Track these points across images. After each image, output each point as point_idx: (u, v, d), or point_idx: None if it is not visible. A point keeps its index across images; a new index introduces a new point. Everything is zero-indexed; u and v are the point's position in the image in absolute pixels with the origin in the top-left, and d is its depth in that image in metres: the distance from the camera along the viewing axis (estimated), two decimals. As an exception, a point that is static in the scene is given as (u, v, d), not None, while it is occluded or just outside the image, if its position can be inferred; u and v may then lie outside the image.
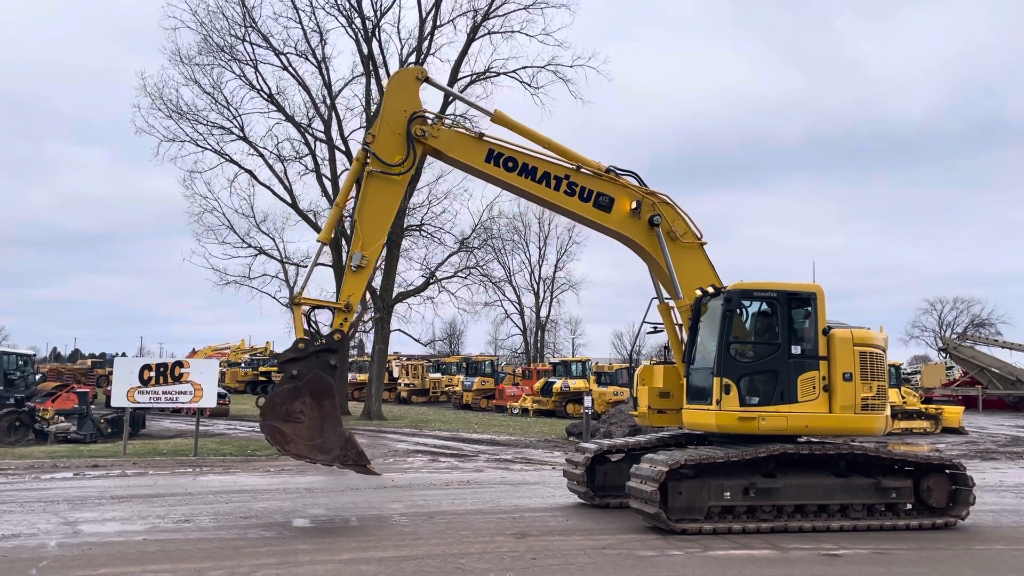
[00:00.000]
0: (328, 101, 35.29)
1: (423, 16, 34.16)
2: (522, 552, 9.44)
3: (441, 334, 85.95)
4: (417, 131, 11.73)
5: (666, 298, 12.80)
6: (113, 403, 20.57)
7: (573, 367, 42.05)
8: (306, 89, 35.14)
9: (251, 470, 17.24)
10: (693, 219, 12.58)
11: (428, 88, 12.35)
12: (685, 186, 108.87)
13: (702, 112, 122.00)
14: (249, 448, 21.05)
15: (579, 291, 71.25)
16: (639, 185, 12.47)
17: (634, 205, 12.32)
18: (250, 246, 36.10)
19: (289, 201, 35.43)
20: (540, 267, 70.36)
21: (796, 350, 11.26)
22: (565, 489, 13.48)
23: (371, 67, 34.58)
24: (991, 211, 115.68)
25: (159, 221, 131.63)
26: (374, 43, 34.37)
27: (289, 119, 35.08)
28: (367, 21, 34.14)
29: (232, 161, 34.91)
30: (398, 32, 49.56)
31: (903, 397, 32.18)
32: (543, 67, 33.99)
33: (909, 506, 11.53)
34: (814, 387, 11.16)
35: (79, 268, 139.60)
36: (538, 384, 41.57)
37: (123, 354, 63.19)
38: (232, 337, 69.44)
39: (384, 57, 34.74)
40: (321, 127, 35.60)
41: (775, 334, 11.40)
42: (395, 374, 53.84)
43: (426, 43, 34.22)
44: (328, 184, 35.20)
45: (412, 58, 33.73)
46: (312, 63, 34.75)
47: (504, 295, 66.47)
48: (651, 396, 12.41)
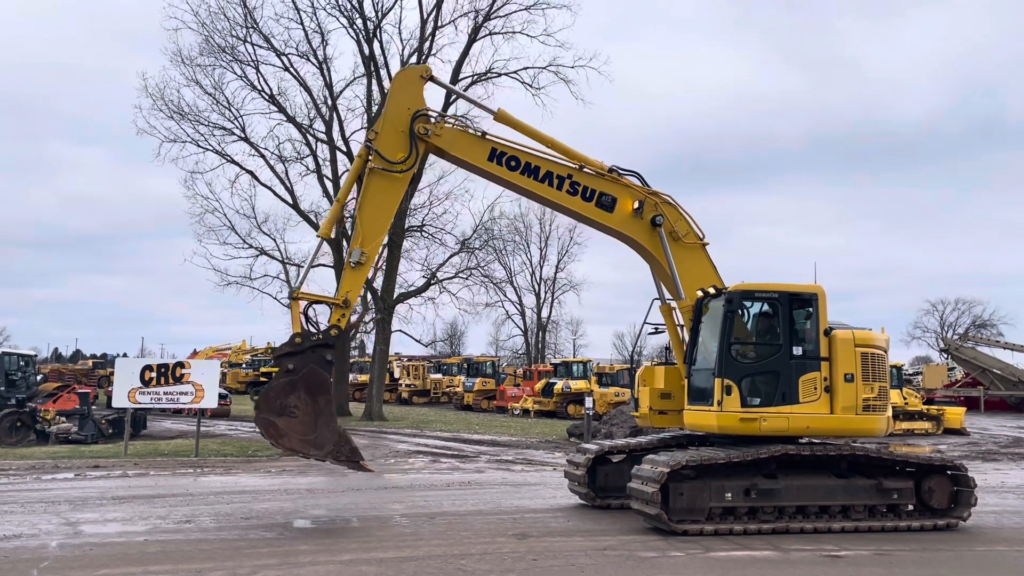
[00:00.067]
0: (329, 102, 35.34)
1: (424, 17, 34.21)
2: (523, 553, 9.44)
3: (442, 335, 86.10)
4: (420, 129, 11.73)
5: (668, 299, 12.79)
6: (114, 404, 20.62)
7: (574, 368, 42.02)
8: (307, 90, 35.22)
9: (252, 471, 17.24)
10: (695, 219, 12.59)
11: (431, 87, 12.34)
12: (686, 186, 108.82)
13: (703, 112, 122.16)
14: (250, 449, 21.06)
15: (580, 292, 71.38)
16: (641, 185, 12.46)
17: (636, 205, 12.30)
18: (251, 247, 36.17)
19: (290, 202, 35.49)
20: (541, 268, 70.50)
21: (797, 351, 11.25)
22: (566, 490, 13.47)
23: (372, 68, 34.60)
24: (992, 211, 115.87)
25: (160, 222, 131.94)
26: (375, 44, 34.46)
27: (290, 120, 35.11)
28: (368, 22, 34.20)
29: (233, 162, 34.97)
30: (399, 33, 49.84)
31: (905, 398, 32.16)
32: (544, 68, 34.07)
33: (910, 507, 11.51)
34: (815, 388, 11.14)
35: (80, 268, 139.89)
36: (539, 385, 41.55)
37: (124, 355, 63.37)
38: (233, 338, 69.37)
39: (385, 58, 34.80)
40: (322, 128, 35.66)
41: (776, 335, 11.38)
42: (396, 375, 53.85)
43: (427, 44, 34.25)
44: (329, 185, 35.22)
45: (413, 59, 33.72)
46: (313, 64, 34.84)
47: (505, 296, 66.57)
48: (652, 397, 12.39)
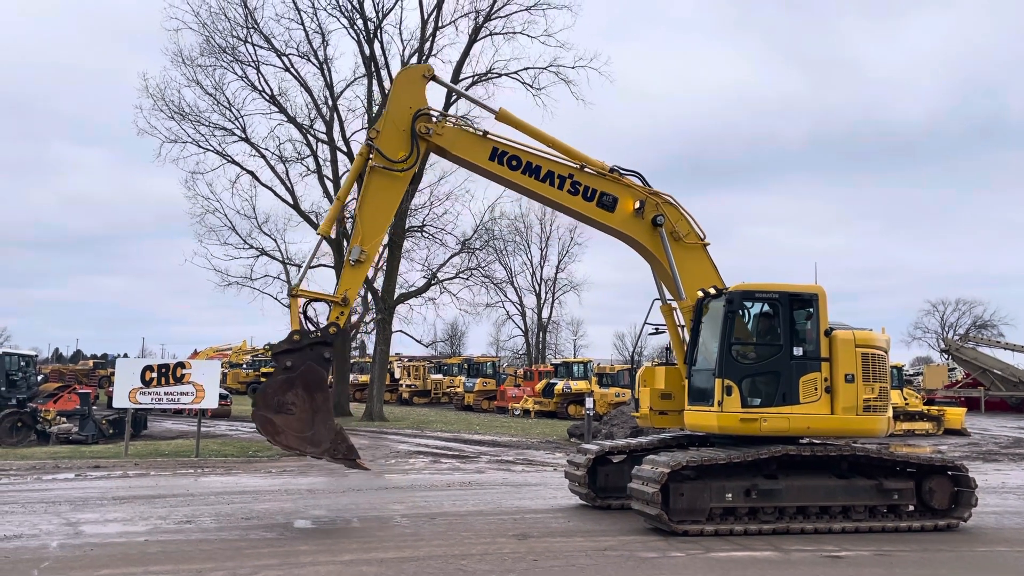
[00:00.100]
0: (330, 102, 35.36)
1: (425, 17, 34.24)
2: (523, 553, 9.44)
3: (443, 335, 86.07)
4: (421, 128, 11.75)
5: (668, 299, 12.79)
6: (115, 404, 20.63)
7: (575, 368, 42.03)
8: (308, 90, 35.25)
9: (253, 471, 17.25)
10: (696, 220, 12.59)
11: (432, 87, 12.34)
12: (687, 187, 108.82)
13: (703, 113, 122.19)
14: (251, 449, 21.07)
15: (580, 292, 71.38)
16: (643, 185, 12.46)
17: (637, 205, 12.30)
18: (252, 247, 36.16)
19: (291, 202, 35.49)
20: (542, 268, 70.52)
21: (798, 351, 11.25)
22: (566, 490, 13.47)
23: (373, 68, 34.63)
24: (993, 212, 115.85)
25: (161, 222, 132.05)
26: (376, 44, 34.51)
27: (291, 120, 35.13)
28: (369, 22, 34.23)
29: (234, 162, 34.99)
30: (400, 33, 49.65)
31: (905, 399, 32.15)
32: (545, 68, 34.11)
33: (911, 508, 11.51)
34: (816, 388, 11.14)
35: (81, 269, 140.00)
36: (539, 385, 41.58)
37: (125, 355, 63.38)
38: (234, 338, 69.44)
39: (386, 58, 34.84)
40: (323, 128, 35.69)
41: (777, 335, 11.38)
42: (397, 375, 53.88)
43: (428, 44, 34.28)
44: (330, 185, 35.23)
45: (414, 59, 33.74)
46: (314, 64, 34.87)
47: (506, 296, 66.60)
48: (653, 397, 12.39)
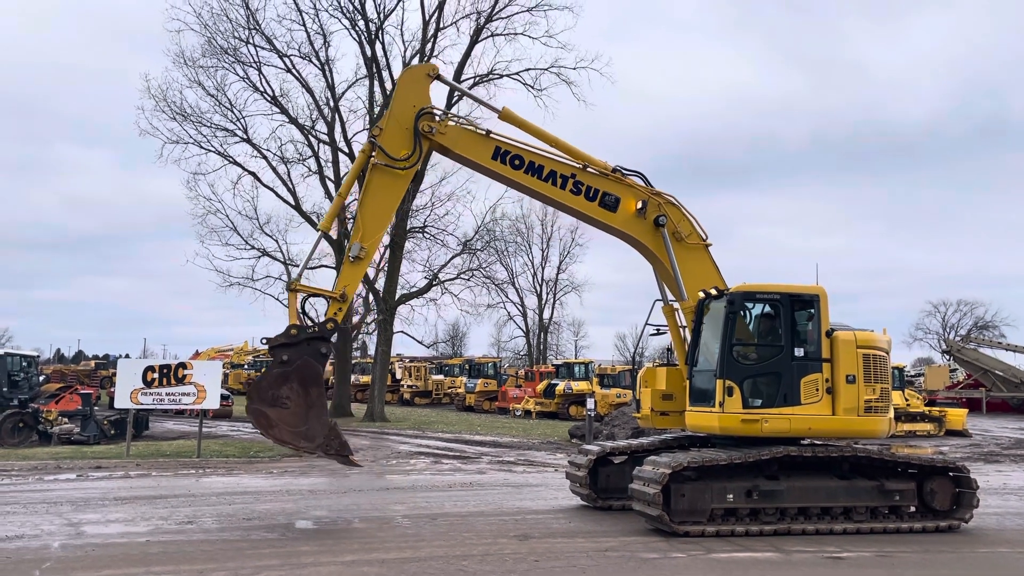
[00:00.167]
0: (331, 103, 35.40)
1: (426, 18, 34.30)
2: (525, 554, 9.44)
3: (444, 336, 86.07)
4: (424, 127, 11.77)
5: (670, 300, 12.79)
6: (116, 404, 20.63)
7: (576, 369, 42.05)
8: (309, 91, 35.28)
9: (254, 472, 17.26)
10: (698, 220, 12.60)
11: (435, 87, 12.36)
12: (688, 187, 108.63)
13: (704, 114, 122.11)
14: (252, 450, 21.08)
15: (582, 293, 71.24)
16: (645, 185, 12.47)
17: (640, 205, 12.31)
18: (253, 248, 36.16)
19: (292, 203, 35.50)
20: (543, 269, 70.47)
21: (799, 352, 11.24)
22: (568, 491, 13.47)
23: (374, 69, 34.66)
24: (994, 213, 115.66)
25: (162, 223, 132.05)
26: (377, 45, 34.54)
27: (292, 121, 35.15)
28: (370, 23, 34.28)
29: (236, 163, 35.02)
30: (401, 34, 49.55)
31: (906, 399, 32.11)
32: (546, 69, 34.15)
33: (912, 509, 11.50)
34: (817, 389, 11.14)
35: (82, 269, 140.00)
36: (541, 386, 41.59)
37: (126, 355, 63.35)
38: (235, 339, 69.55)
39: (387, 59, 34.88)
40: (324, 129, 35.74)
41: (778, 336, 11.38)
42: (398, 376, 53.90)
43: (429, 45, 34.32)
44: (331, 186, 35.23)
45: (415, 60, 33.77)
46: (315, 65, 34.91)
47: (507, 297, 66.60)
48: (654, 398, 12.39)
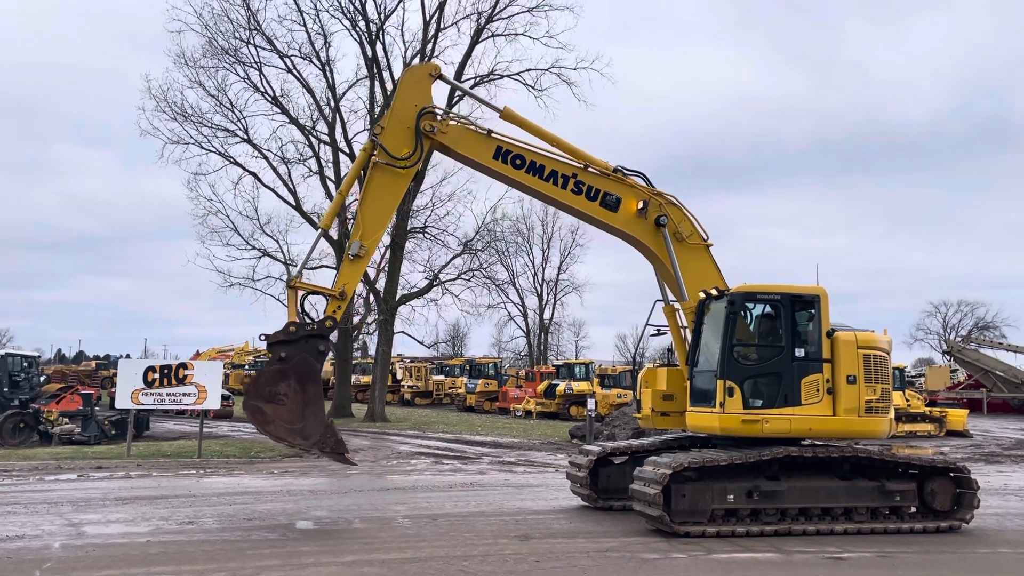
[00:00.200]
0: (332, 103, 35.40)
1: (427, 19, 34.32)
2: (525, 554, 9.44)
3: (444, 336, 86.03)
4: (426, 126, 11.79)
5: (671, 300, 12.78)
6: (117, 405, 20.64)
7: (576, 369, 42.03)
8: (310, 91, 35.28)
9: (255, 472, 17.27)
10: (699, 220, 12.59)
11: (436, 87, 12.39)
12: (689, 188, 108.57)
13: (705, 114, 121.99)
14: (253, 450, 21.08)
15: (582, 293, 71.26)
16: (646, 185, 12.47)
17: (641, 205, 12.31)
18: (254, 248, 36.16)
19: (293, 203, 35.49)
20: (543, 269, 70.53)
21: (800, 353, 11.25)
22: (568, 491, 13.47)
23: (375, 70, 34.68)
24: (995, 213, 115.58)
25: (163, 223, 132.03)
26: (378, 46, 34.56)
27: (293, 121, 35.16)
28: (371, 24, 34.30)
29: (236, 163, 35.01)
30: (402, 35, 49.39)
31: (907, 400, 32.10)
32: (547, 70, 34.15)
33: (913, 509, 11.50)
34: (818, 390, 11.14)
35: (83, 270, 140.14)
36: (541, 386, 41.60)
37: (127, 356, 63.34)
38: (236, 339, 69.41)
39: (388, 60, 34.90)
40: (325, 129, 35.73)
41: (779, 337, 11.38)
42: (398, 376, 53.87)
43: (430, 46, 34.34)
44: (332, 186, 35.21)
45: (416, 61, 33.78)
46: (316, 66, 34.92)
47: (507, 297, 66.63)
48: (654, 398, 12.40)
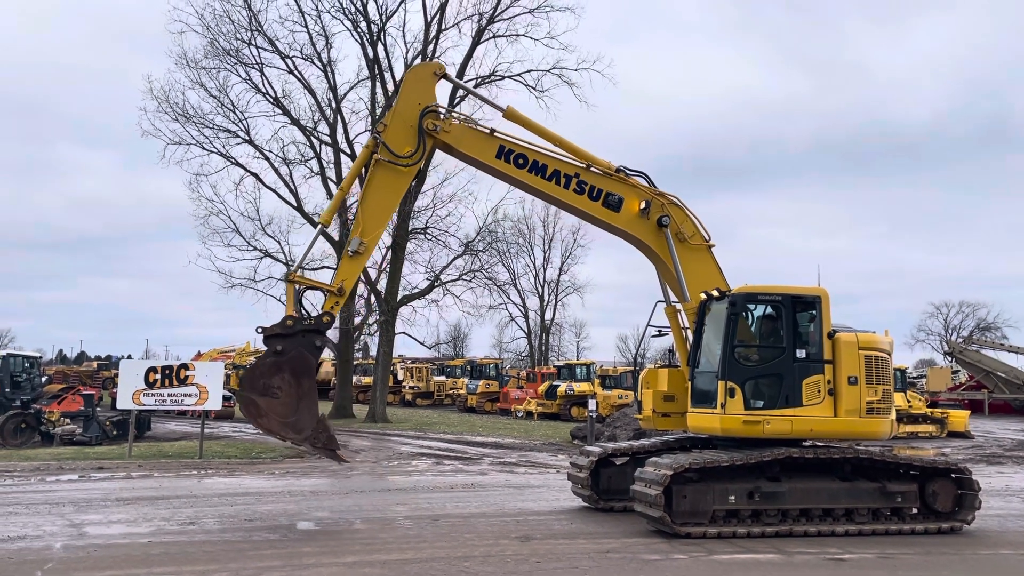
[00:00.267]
0: (333, 104, 35.42)
1: (428, 20, 34.35)
2: (526, 555, 9.43)
3: (446, 337, 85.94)
4: (429, 125, 11.81)
5: (673, 301, 12.78)
6: (118, 405, 20.65)
7: (577, 370, 42.01)
8: (312, 92, 35.28)
9: (256, 472, 17.27)
10: (701, 221, 12.59)
11: (438, 86, 12.41)
12: (691, 189, 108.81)
13: (707, 115, 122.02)
14: (254, 451, 21.10)
15: (583, 294, 71.11)
16: (649, 185, 12.47)
17: (643, 205, 12.31)
18: (255, 249, 36.11)
19: (294, 204, 35.49)
20: (544, 270, 70.42)
21: (801, 354, 11.24)
22: (569, 492, 13.47)
23: (376, 71, 34.71)
24: (996, 214, 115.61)
25: (165, 224, 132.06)
26: (379, 47, 34.58)
27: (295, 122, 35.17)
28: (372, 25, 34.33)
29: (238, 164, 35.00)
30: (403, 36, 49.20)
31: (908, 401, 32.07)
32: (548, 71, 34.13)
33: (914, 510, 11.50)
34: (819, 391, 11.13)
35: (85, 270, 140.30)
36: (542, 387, 41.60)
37: (129, 356, 63.44)
38: (237, 340, 69.40)
39: (389, 60, 34.93)
40: (326, 130, 35.75)
41: (780, 338, 11.38)
42: (400, 377, 53.88)
43: (431, 47, 34.36)
44: (333, 187, 35.20)
45: (417, 61, 33.79)
46: (318, 66, 34.93)
47: (509, 298, 66.57)
48: (656, 399, 12.40)
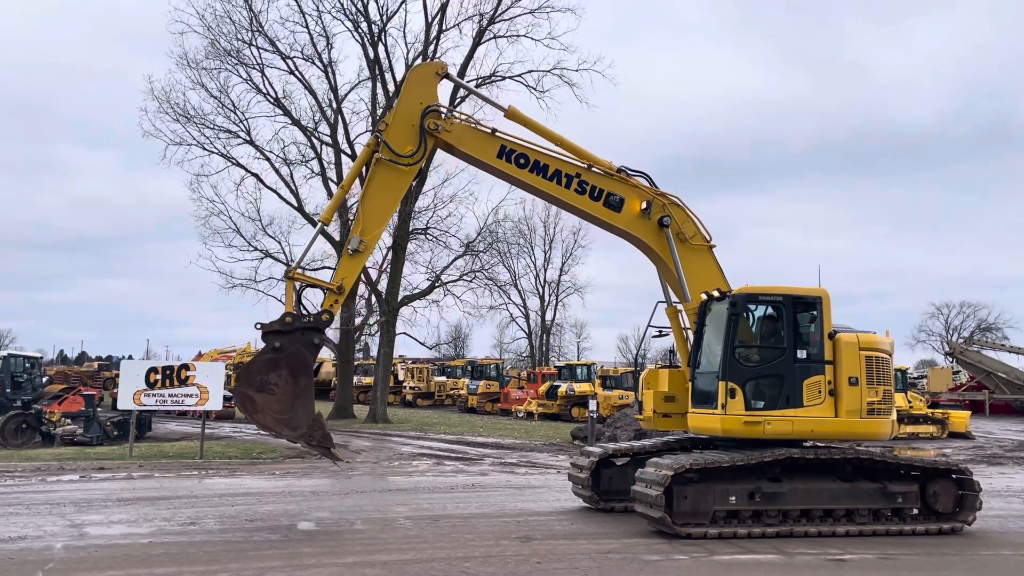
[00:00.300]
0: (334, 105, 35.45)
1: (429, 20, 34.37)
2: (527, 556, 9.43)
3: (446, 337, 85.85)
4: (430, 124, 11.82)
5: (674, 301, 12.78)
6: (119, 406, 20.65)
7: (578, 371, 42.00)
8: (312, 93, 35.30)
9: (256, 473, 17.27)
10: (702, 222, 12.59)
11: (441, 85, 12.41)
12: (692, 189, 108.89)
13: (708, 115, 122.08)
14: (255, 451, 21.10)
15: (584, 295, 71.07)
16: (650, 186, 12.47)
17: (644, 205, 12.31)
18: (256, 249, 36.09)
19: (295, 205, 35.51)
20: (545, 271, 70.37)
21: (802, 354, 11.24)
22: (570, 493, 13.46)
23: (377, 71, 34.73)
24: (997, 215, 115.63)
25: (166, 224, 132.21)
26: (380, 47, 34.60)
27: (295, 123, 35.19)
28: (373, 25, 34.35)
29: (239, 165, 35.02)
30: (404, 36, 49.31)
31: (909, 401, 32.05)
32: (549, 71, 34.13)
33: (915, 511, 11.49)
34: (820, 391, 11.13)
35: (86, 271, 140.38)
36: (543, 388, 41.60)
37: (129, 357, 63.39)
38: (238, 340, 69.44)
39: (390, 61, 34.97)
40: (327, 131, 35.77)
41: (781, 338, 11.37)
42: (400, 377, 53.89)
43: (432, 47, 34.37)
44: (334, 188, 35.22)
45: (418, 62, 33.81)
46: (318, 67, 34.95)
47: (509, 299, 66.51)
48: (656, 400, 12.40)
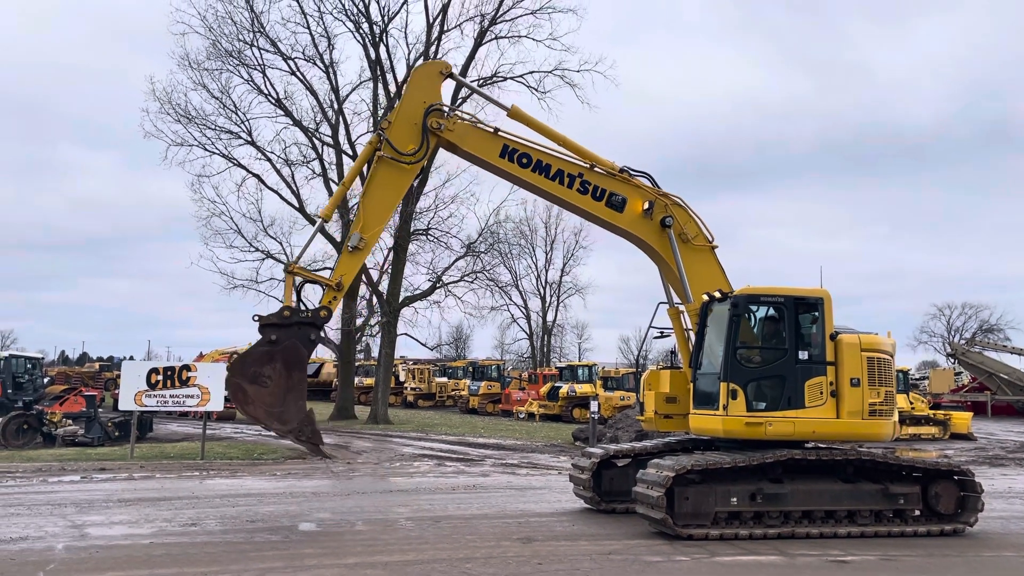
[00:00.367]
0: (335, 105, 35.46)
1: (430, 21, 34.37)
2: (528, 557, 9.42)
3: (447, 338, 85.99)
4: (433, 123, 11.83)
5: (676, 302, 12.77)
6: (120, 406, 20.66)
7: (579, 372, 42.03)
8: (314, 94, 35.31)
9: (257, 474, 17.27)
10: (705, 222, 12.58)
11: (444, 84, 12.42)
12: (693, 190, 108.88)
13: (709, 116, 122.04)
14: (256, 452, 21.10)
15: (585, 295, 71.24)
16: (652, 186, 12.47)
17: (646, 206, 12.31)
18: (257, 250, 36.11)
19: (296, 205, 35.53)
20: (547, 271, 70.48)
21: (803, 355, 11.22)
22: (571, 494, 13.45)
23: (378, 72, 34.73)
24: (999, 215, 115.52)
25: (167, 225, 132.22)
26: (381, 48, 34.61)
27: (297, 124, 35.19)
28: (374, 26, 34.35)
29: (240, 165, 35.04)
30: (405, 37, 49.46)
31: (911, 403, 32.04)
32: (550, 72, 34.13)
33: (917, 512, 11.48)
34: (821, 392, 11.12)
35: (87, 271, 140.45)
36: (544, 389, 41.61)
37: (131, 357, 63.40)
38: (239, 341, 69.51)
39: (391, 62, 34.97)
40: (328, 131, 35.77)
41: (782, 339, 11.36)
42: (401, 378, 53.87)
43: (433, 48, 34.37)
44: (335, 188, 35.23)
45: (419, 63, 33.82)
46: (320, 68, 34.96)
47: (510, 299, 66.57)
48: (658, 401, 12.39)
